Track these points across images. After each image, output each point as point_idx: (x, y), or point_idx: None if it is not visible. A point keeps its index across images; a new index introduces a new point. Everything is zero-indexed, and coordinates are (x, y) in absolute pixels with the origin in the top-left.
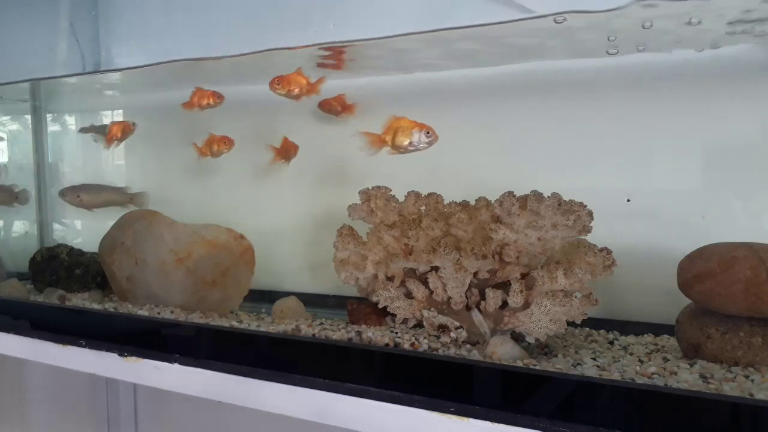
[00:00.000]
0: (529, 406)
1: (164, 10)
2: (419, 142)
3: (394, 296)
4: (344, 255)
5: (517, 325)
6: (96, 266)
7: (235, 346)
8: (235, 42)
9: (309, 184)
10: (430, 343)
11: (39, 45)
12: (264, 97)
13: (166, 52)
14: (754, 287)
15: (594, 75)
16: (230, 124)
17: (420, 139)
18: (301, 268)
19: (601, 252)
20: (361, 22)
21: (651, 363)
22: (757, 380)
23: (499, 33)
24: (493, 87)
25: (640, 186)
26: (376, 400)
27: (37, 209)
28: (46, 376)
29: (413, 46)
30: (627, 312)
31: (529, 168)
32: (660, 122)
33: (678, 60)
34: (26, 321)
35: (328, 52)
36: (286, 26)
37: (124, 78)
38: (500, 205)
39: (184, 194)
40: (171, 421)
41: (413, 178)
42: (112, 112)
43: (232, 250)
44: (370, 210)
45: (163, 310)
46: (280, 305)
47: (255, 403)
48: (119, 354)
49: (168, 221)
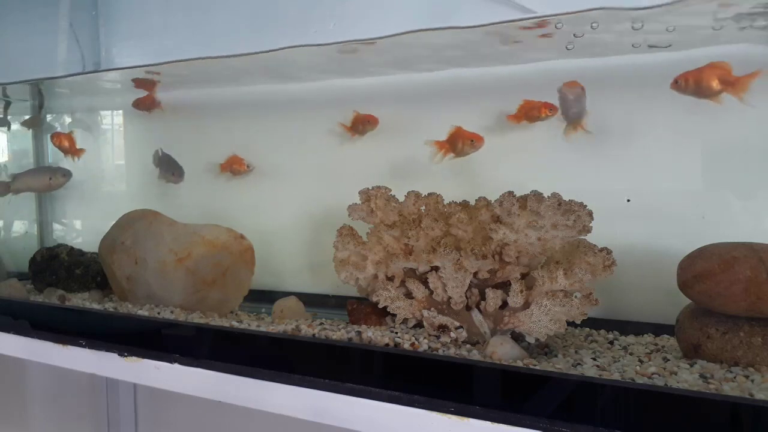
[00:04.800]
0: (529, 406)
1: (164, 10)
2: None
3: (394, 296)
4: (344, 255)
5: (517, 325)
6: (96, 266)
7: (235, 346)
8: (235, 42)
9: (309, 183)
10: (430, 343)
11: (39, 45)
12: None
13: (166, 52)
14: (754, 287)
15: (594, 74)
16: (228, 125)
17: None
18: (301, 268)
19: (601, 252)
20: (362, 22)
21: (651, 363)
22: (757, 380)
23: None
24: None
25: (640, 186)
26: (376, 400)
27: (37, 209)
28: (46, 376)
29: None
30: (627, 312)
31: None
32: (660, 122)
33: (678, 59)
34: (26, 321)
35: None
36: (286, 26)
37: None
38: (500, 205)
39: (184, 194)
40: (171, 421)
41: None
42: (112, 112)
43: (232, 249)
44: (370, 210)
45: (163, 310)
46: (280, 305)
47: (255, 403)
48: (119, 354)
49: (168, 221)
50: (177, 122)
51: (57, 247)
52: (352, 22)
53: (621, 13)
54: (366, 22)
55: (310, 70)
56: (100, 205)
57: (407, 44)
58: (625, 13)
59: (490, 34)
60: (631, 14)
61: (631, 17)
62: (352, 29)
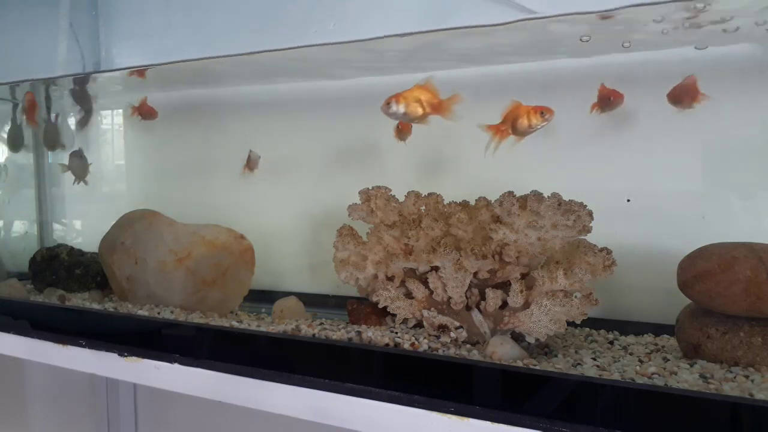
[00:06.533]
0: (529, 406)
1: (164, 10)
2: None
3: (394, 296)
4: (344, 255)
5: (517, 325)
6: (96, 266)
7: (235, 346)
8: (235, 42)
9: (309, 183)
10: (430, 343)
11: (39, 45)
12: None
13: (166, 52)
14: (754, 287)
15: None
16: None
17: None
18: (301, 268)
19: (601, 252)
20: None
21: (651, 363)
22: (757, 380)
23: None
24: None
25: (640, 186)
26: (376, 400)
27: (37, 209)
28: (46, 376)
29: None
30: (627, 312)
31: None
32: (659, 122)
33: (677, 59)
34: (26, 321)
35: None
36: (287, 26)
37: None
38: (500, 205)
39: (184, 194)
40: (171, 421)
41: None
42: (112, 112)
43: (232, 249)
44: (370, 210)
45: (163, 310)
46: (280, 305)
47: (255, 403)
48: (119, 354)
49: (168, 221)
50: (177, 122)
51: (57, 247)
52: (352, 22)
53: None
54: (366, 22)
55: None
56: (100, 205)
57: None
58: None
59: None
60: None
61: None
62: (352, 29)
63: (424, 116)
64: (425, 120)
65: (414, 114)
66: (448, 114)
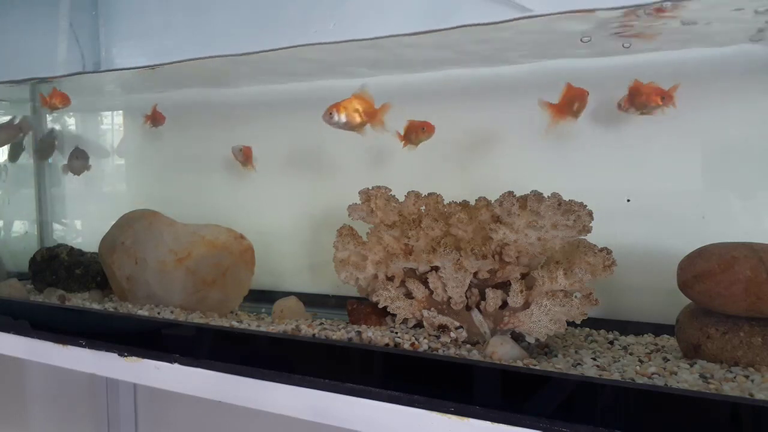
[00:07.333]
0: (529, 406)
1: (164, 10)
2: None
3: (394, 296)
4: (344, 255)
5: (517, 325)
6: (96, 266)
7: (235, 346)
8: (235, 42)
9: (309, 183)
10: (430, 343)
11: (39, 45)
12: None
13: (166, 52)
14: (754, 287)
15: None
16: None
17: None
18: (301, 268)
19: (601, 252)
20: (361, 22)
21: (651, 363)
22: (757, 380)
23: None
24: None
25: (640, 186)
26: (376, 400)
27: (37, 209)
28: (46, 376)
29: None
30: (627, 312)
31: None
32: (659, 122)
33: (677, 59)
34: (26, 321)
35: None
36: (287, 26)
37: (128, 77)
38: (500, 205)
39: (184, 194)
40: (171, 421)
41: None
42: (112, 112)
43: (232, 249)
44: (370, 210)
45: (163, 310)
46: (280, 305)
47: (255, 403)
48: (119, 354)
49: (168, 221)
50: (177, 122)
51: (57, 247)
52: (352, 22)
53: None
54: (366, 22)
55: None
56: (101, 205)
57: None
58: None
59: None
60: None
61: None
62: (352, 29)
63: (361, 125)
64: (362, 129)
65: (353, 123)
66: (379, 124)
